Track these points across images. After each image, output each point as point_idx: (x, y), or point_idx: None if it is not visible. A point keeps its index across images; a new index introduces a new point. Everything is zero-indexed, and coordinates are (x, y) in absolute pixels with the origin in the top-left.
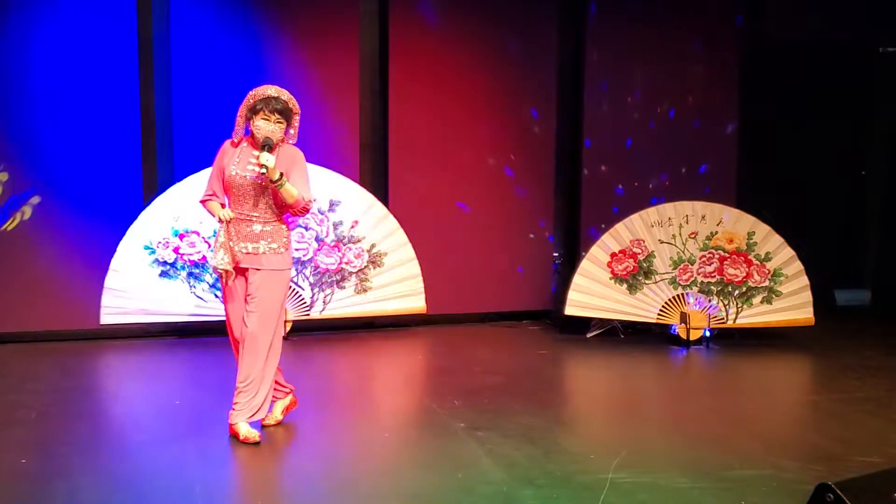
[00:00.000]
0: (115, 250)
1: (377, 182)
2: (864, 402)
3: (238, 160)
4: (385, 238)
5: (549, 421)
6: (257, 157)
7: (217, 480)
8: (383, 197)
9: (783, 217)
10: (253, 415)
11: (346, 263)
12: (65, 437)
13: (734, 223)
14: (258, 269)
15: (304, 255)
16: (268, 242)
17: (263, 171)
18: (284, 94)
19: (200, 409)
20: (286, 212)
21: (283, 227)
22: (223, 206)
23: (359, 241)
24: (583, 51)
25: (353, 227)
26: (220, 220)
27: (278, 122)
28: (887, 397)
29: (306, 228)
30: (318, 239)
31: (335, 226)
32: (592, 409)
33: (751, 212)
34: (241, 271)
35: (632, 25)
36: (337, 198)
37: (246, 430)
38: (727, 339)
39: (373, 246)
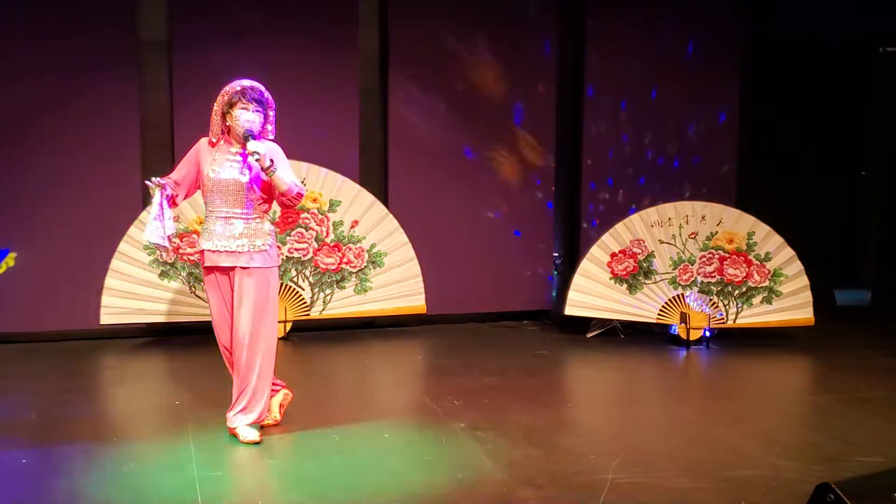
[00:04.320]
0: (115, 250)
1: (377, 182)
2: (864, 402)
3: (215, 159)
4: (385, 238)
5: (549, 421)
6: (245, 150)
7: (217, 480)
8: (383, 197)
9: (783, 217)
10: (254, 419)
11: (346, 263)
12: (65, 437)
13: (734, 223)
14: (244, 269)
15: (304, 255)
16: (251, 240)
17: (256, 157)
18: (259, 86)
19: (200, 409)
20: (278, 201)
21: (267, 223)
22: (164, 186)
23: (359, 241)
24: (583, 51)
25: (353, 227)
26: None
27: (257, 112)
28: (887, 397)
29: (306, 228)
30: (318, 239)
31: (335, 226)
32: (592, 409)
33: (750, 212)
34: (225, 272)
35: (632, 23)
36: (337, 198)
37: (246, 431)
38: (727, 339)
39: (373, 246)
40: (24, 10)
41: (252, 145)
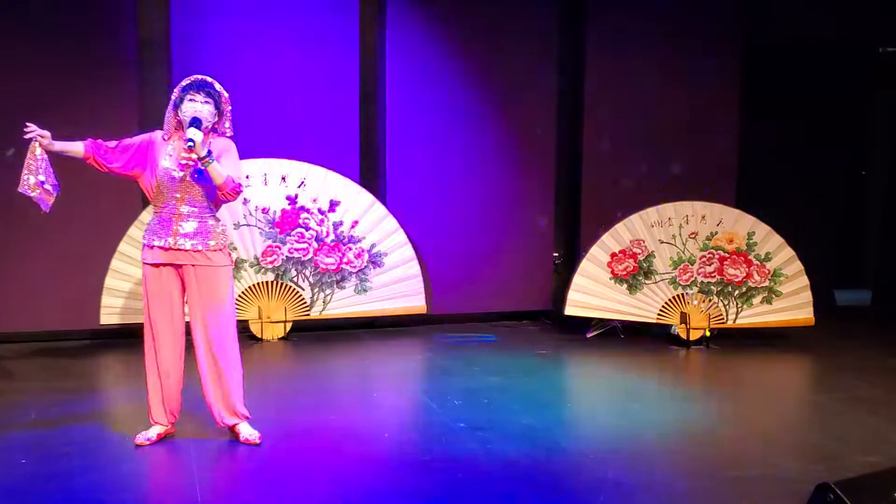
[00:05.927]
0: (115, 250)
1: (377, 182)
2: (864, 402)
3: (169, 155)
4: (385, 238)
5: (549, 421)
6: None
7: (217, 480)
8: (383, 197)
9: (783, 217)
10: (242, 411)
11: (346, 263)
12: (65, 437)
13: (734, 223)
14: (201, 266)
15: (304, 255)
16: (205, 239)
17: (191, 144)
18: (209, 78)
19: (200, 409)
20: (216, 195)
21: (221, 222)
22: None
23: (359, 241)
24: (583, 50)
25: (353, 227)
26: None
27: (205, 103)
28: (887, 397)
29: (306, 228)
30: (318, 239)
31: (335, 226)
32: (592, 409)
33: (750, 212)
34: (175, 270)
35: (632, 23)
36: (337, 198)
37: (247, 431)
38: (727, 339)
39: (373, 246)
40: (23, 10)
41: (190, 132)
